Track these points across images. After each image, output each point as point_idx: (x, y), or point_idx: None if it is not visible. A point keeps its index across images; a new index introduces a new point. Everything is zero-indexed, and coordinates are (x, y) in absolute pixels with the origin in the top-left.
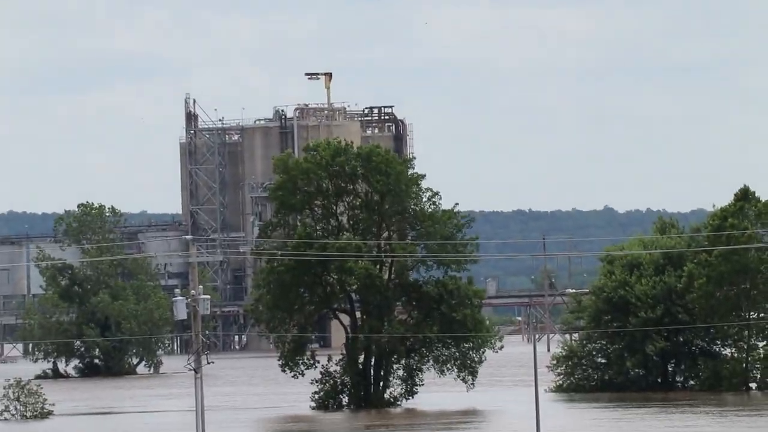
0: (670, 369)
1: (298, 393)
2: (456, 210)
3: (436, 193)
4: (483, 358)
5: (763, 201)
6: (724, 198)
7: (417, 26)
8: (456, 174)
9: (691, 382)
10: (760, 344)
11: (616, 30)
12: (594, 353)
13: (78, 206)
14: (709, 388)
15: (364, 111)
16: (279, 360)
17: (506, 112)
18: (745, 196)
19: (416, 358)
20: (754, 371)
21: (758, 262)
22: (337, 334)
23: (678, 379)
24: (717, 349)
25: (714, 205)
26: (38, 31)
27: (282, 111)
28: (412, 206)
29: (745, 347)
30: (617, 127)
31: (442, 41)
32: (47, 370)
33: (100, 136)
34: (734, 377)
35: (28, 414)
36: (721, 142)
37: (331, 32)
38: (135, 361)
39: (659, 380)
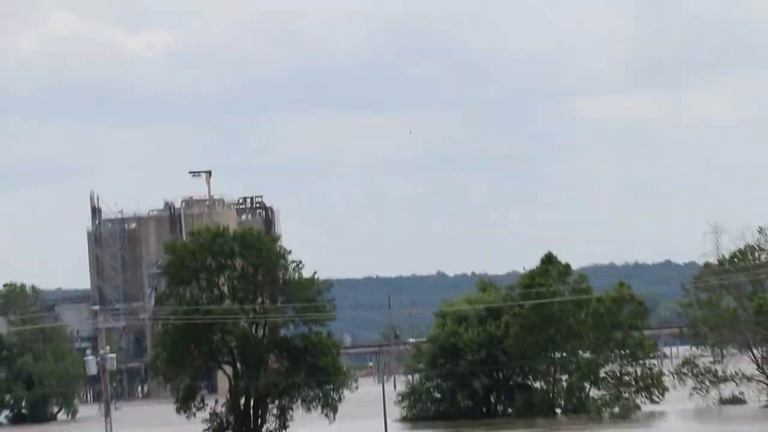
0: (492, 400)
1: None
2: (316, 277)
3: (299, 263)
4: (342, 397)
5: (564, 264)
6: (533, 262)
7: (279, 131)
8: (315, 249)
9: (510, 410)
10: (563, 378)
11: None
12: (432, 390)
13: (4, 285)
14: (524, 414)
15: (239, 201)
16: (175, 405)
17: (351, 198)
18: (549, 260)
19: (287, 399)
20: (559, 399)
21: (560, 313)
22: (223, 382)
23: (499, 408)
24: (529, 383)
25: (524, 268)
26: None
27: (171, 203)
28: (281, 276)
29: (552, 381)
30: (443, 206)
31: (300, 143)
32: None
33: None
34: (543, 405)
35: None
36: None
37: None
38: (56, 410)
39: (484, 410)
